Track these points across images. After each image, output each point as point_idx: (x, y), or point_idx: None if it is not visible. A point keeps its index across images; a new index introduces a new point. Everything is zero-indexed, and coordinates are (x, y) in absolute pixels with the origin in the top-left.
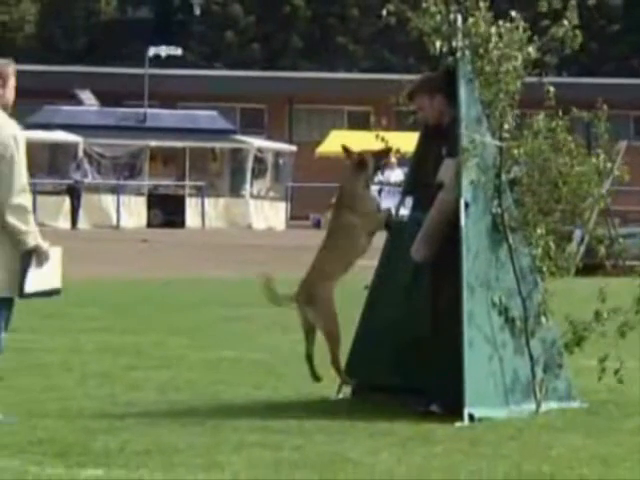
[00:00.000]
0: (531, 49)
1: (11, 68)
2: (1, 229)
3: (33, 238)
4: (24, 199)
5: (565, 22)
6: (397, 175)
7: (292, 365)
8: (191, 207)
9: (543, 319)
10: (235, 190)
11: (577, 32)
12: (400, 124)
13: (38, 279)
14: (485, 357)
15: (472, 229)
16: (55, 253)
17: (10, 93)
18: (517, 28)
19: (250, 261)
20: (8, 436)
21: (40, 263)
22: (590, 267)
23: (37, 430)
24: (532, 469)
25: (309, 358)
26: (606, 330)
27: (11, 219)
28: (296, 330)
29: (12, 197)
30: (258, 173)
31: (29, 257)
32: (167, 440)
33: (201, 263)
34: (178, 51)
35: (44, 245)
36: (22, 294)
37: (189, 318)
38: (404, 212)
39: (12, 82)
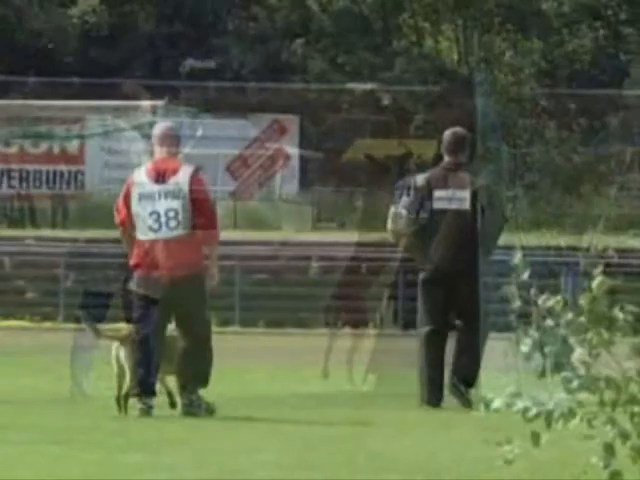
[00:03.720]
0: (542, 62)
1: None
2: None
3: None
4: None
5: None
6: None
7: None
8: (223, 209)
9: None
10: (265, 194)
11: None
12: (420, 133)
13: None
14: (500, 351)
15: (488, 231)
16: None
17: None
18: (529, 41)
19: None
20: (53, 423)
21: None
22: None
23: (80, 417)
24: (543, 456)
25: None
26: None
27: None
28: None
29: None
30: (286, 178)
31: None
32: (202, 426)
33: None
34: (212, 64)
35: None
36: None
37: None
38: (424, 215)
39: None
